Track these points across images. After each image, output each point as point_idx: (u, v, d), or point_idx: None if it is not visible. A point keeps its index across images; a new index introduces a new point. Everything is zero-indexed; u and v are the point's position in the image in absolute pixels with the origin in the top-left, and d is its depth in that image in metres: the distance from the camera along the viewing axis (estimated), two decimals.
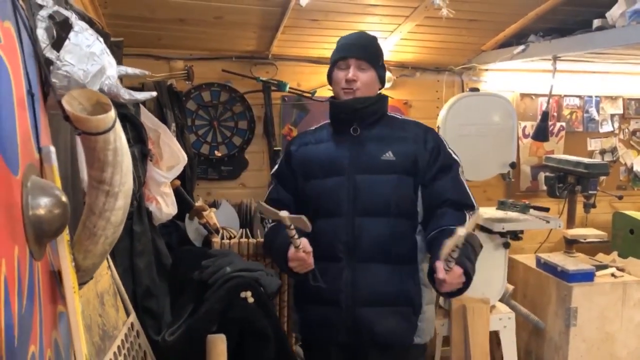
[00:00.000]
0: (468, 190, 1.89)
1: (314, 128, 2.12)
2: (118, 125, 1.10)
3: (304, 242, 1.66)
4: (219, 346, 1.37)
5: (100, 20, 2.46)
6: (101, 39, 1.35)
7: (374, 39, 1.99)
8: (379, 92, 1.99)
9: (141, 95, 1.40)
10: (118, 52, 2.41)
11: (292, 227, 1.58)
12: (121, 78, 2.37)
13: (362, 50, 1.90)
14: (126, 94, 1.37)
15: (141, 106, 2.37)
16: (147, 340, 1.92)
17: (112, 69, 1.37)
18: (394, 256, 1.84)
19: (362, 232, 1.84)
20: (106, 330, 1.66)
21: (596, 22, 2.47)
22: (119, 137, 1.11)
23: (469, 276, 1.67)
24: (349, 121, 1.91)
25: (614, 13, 2.33)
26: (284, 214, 1.58)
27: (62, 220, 0.91)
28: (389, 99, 2.24)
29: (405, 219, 1.87)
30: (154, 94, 1.44)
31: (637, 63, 3.25)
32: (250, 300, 1.63)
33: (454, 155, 1.92)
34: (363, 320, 1.84)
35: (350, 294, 1.84)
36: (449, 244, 1.53)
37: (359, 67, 1.88)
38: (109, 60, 1.34)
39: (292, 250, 1.67)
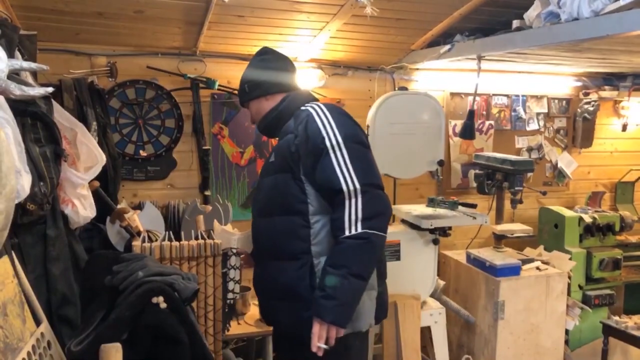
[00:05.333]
0: (338, 172, 1.75)
1: None
2: None
3: None
4: (112, 356, 1.30)
5: (8, 12, 2.32)
6: None
7: (243, 75, 2.12)
8: (286, 94, 2.03)
9: (34, 91, 1.31)
10: (31, 47, 2.29)
11: None
12: (35, 73, 2.27)
13: (239, 97, 2.17)
14: (17, 90, 1.28)
15: (55, 104, 2.25)
16: (64, 350, 1.83)
17: (1, 63, 1.28)
18: (281, 252, 1.88)
19: (258, 231, 2.02)
20: (9, 342, 1.56)
21: (515, 23, 2.54)
22: None
23: (326, 309, 1.70)
24: (273, 134, 2.10)
25: (530, 14, 2.40)
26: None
27: None
28: (320, 97, 2.25)
29: (290, 215, 1.86)
30: (50, 89, 1.35)
31: (557, 63, 3.38)
32: (163, 305, 1.56)
33: (326, 139, 1.77)
34: (271, 312, 2.01)
35: (259, 288, 2.05)
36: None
37: (248, 108, 2.14)
38: None
39: None
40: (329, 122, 1.82)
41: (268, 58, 2.10)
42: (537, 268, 3.31)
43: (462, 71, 3.65)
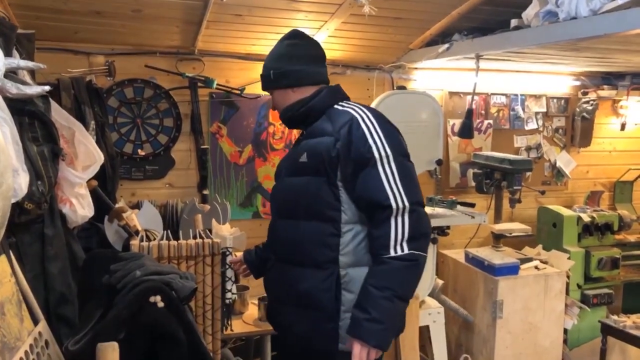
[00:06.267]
0: (386, 187, 1.67)
1: None
2: None
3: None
4: (109, 355, 1.30)
5: (6, 11, 2.31)
6: None
7: (268, 59, 1.95)
8: (318, 88, 1.88)
9: (31, 90, 1.31)
10: (29, 45, 2.28)
11: None
12: (33, 72, 2.26)
13: (262, 81, 1.98)
14: (13, 88, 1.28)
15: (53, 103, 2.24)
16: (62, 349, 1.82)
17: None
18: (305, 259, 1.79)
19: (277, 232, 1.91)
20: (6, 342, 1.56)
21: (513, 22, 2.54)
22: None
23: (371, 332, 1.61)
24: (296, 126, 2.00)
25: (528, 13, 2.40)
26: None
27: None
28: None
29: (319, 221, 1.77)
30: (47, 88, 1.35)
31: (555, 62, 3.38)
32: (160, 304, 1.56)
33: (374, 149, 1.69)
34: (284, 319, 1.90)
35: (274, 292, 1.96)
36: None
37: (271, 94, 1.98)
38: None
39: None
40: (377, 131, 1.72)
41: (298, 44, 1.91)
42: (536, 267, 3.32)
43: (460, 70, 3.65)
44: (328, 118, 1.81)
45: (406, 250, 1.63)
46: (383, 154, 1.69)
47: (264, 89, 1.99)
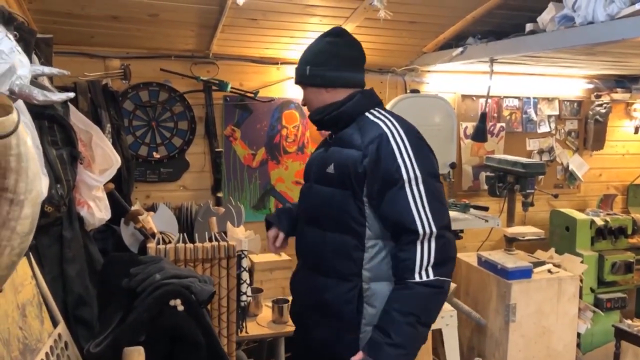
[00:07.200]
0: (413, 211, 1.62)
1: None
2: (22, 130, 1.04)
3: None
4: (135, 359, 1.31)
5: (25, 16, 2.34)
6: (11, 36, 1.27)
7: (307, 53, 1.88)
8: (352, 92, 1.82)
9: (56, 96, 1.32)
10: (47, 50, 2.31)
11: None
12: (51, 78, 2.29)
13: (296, 74, 1.90)
14: (40, 95, 1.29)
15: (71, 107, 2.27)
16: (80, 351, 1.84)
17: (24, 69, 1.29)
18: (330, 270, 1.78)
19: (304, 239, 1.90)
20: (28, 343, 1.58)
21: (528, 26, 2.54)
22: (24, 142, 1.04)
23: (391, 357, 1.59)
24: (325, 129, 1.93)
25: (544, 18, 2.40)
26: None
27: None
28: None
29: (344, 234, 1.74)
30: (71, 95, 1.36)
31: (569, 66, 3.37)
32: (180, 308, 1.58)
33: (402, 169, 1.64)
34: (304, 324, 1.93)
35: (299, 295, 1.96)
36: None
37: (303, 88, 1.90)
38: (20, 59, 1.27)
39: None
40: (407, 150, 1.66)
41: (339, 42, 1.83)
42: (549, 271, 3.30)
43: (473, 73, 3.64)
44: (358, 127, 1.77)
45: (432, 277, 1.61)
46: (412, 175, 1.64)
47: (297, 82, 1.92)
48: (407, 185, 1.64)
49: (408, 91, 3.45)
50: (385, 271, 1.72)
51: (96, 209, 2.31)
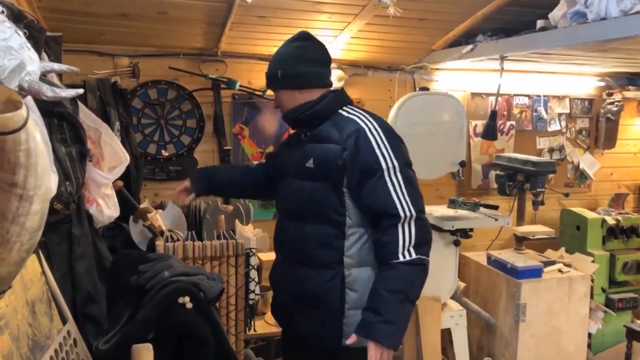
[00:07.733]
0: (394, 197, 1.75)
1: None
2: (31, 125, 1.03)
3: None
4: (144, 356, 1.31)
5: (35, 14, 2.34)
6: (20, 33, 1.27)
7: (276, 58, 1.94)
8: (324, 91, 1.91)
9: (65, 92, 1.32)
10: (57, 48, 2.31)
11: None
12: (61, 76, 2.29)
13: (268, 79, 1.97)
14: (49, 91, 1.29)
15: (80, 104, 2.27)
16: (89, 348, 1.85)
17: (34, 65, 1.29)
18: (312, 260, 1.86)
19: (286, 233, 1.98)
20: (37, 340, 1.58)
21: (539, 23, 2.51)
22: (33, 138, 1.04)
23: (385, 333, 1.69)
24: (299, 127, 1.99)
25: (555, 14, 2.37)
26: None
27: None
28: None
29: (324, 224, 1.84)
30: (80, 91, 1.36)
31: (581, 64, 3.33)
32: (189, 305, 1.57)
33: (381, 159, 1.76)
34: (291, 316, 1.99)
35: (280, 290, 2.05)
36: None
37: (276, 92, 1.98)
38: (29, 55, 1.26)
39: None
40: (383, 142, 1.79)
41: (306, 45, 1.92)
42: (559, 270, 3.27)
43: (482, 71, 3.62)
44: (333, 123, 1.86)
45: (414, 255, 1.72)
46: (390, 165, 1.76)
47: (268, 87, 2.03)
48: (386, 174, 1.76)
49: (417, 89, 3.42)
50: (365, 257, 1.84)
51: (105, 207, 2.31)
